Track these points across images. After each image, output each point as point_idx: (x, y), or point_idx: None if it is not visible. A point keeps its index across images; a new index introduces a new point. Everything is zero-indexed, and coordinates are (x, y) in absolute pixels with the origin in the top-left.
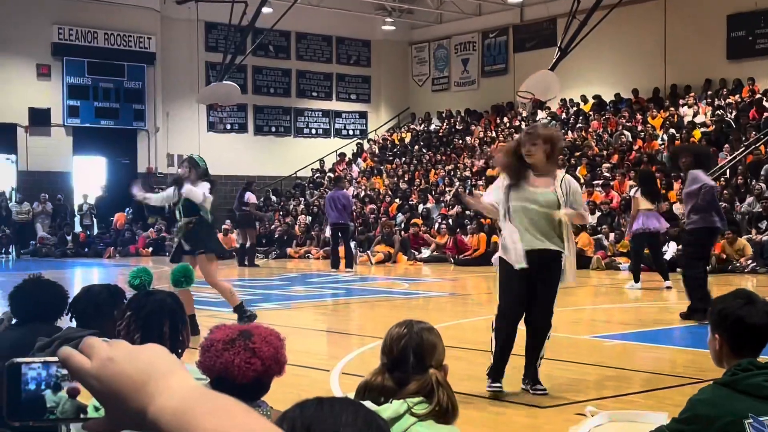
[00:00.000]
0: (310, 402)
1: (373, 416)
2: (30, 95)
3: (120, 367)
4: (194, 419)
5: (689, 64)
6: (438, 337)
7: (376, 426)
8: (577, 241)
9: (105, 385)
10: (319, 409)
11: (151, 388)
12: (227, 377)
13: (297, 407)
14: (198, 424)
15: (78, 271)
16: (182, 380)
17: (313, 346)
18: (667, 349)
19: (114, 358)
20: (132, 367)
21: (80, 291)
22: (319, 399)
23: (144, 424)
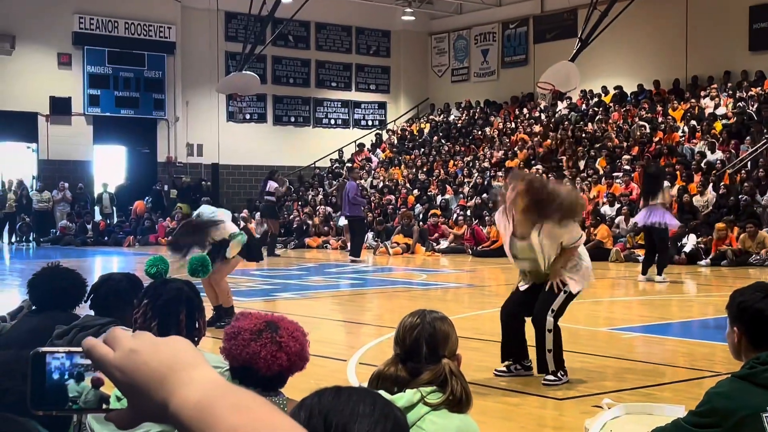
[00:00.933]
0: (328, 391)
1: (391, 407)
2: (51, 84)
3: (143, 358)
4: (216, 413)
5: (711, 56)
6: (451, 327)
7: (393, 417)
8: (596, 234)
9: (127, 376)
10: (337, 398)
11: (173, 381)
12: (251, 367)
13: (315, 395)
14: (220, 418)
15: (98, 259)
16: (205, 373)
17: (331, 336)
18: (685, 342)
19: (137, 349)
20: (155, 358)
21: (100, 279)
22: (338, 388)
23: (165, 416)
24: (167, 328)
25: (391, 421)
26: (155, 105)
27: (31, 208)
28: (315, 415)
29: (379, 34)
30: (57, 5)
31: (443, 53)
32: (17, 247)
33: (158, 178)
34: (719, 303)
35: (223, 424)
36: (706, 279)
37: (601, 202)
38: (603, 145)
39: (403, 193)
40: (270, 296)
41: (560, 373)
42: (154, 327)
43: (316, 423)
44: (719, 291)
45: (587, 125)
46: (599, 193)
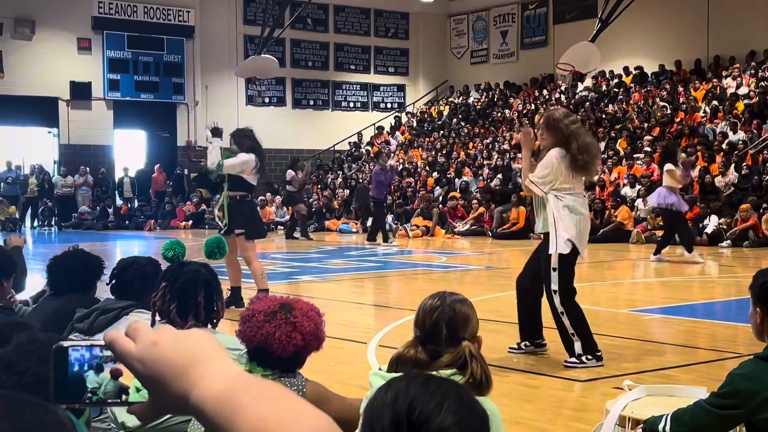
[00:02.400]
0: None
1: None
2: (71, 69)
3: (164, 350)
4: (239, 404)
5: (733, 35)
6: (471, 309)
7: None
8: (616, 215)
9: (149, 368)
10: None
11: (194, 373)
12: (267, 349)
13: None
14: (243, 409)
15: (119, 243)
16: (226, 365)
17: (351, 319)
18: (707, 323)
19: (158, 341)
20: (176, 351)
21: (125, 262)
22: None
23: (187, 408)
24: (186, 310)
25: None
26: (175, 89)
27: (52, 192)
28: (401, 398)
29: (398, 16)
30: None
31: (462, 35)
32: (39, 232)
33: (178, 162)
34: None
35: (248, 414)
36: (727, 260)
37: (622, 183)
38: (623, 126)
39: (422, 176)
40: (290, 279)
41: (586, 357)
42: (173, 309)
43: (400, 406)
44: (741, 272)
45: (608, 106)
46: (620, 174)
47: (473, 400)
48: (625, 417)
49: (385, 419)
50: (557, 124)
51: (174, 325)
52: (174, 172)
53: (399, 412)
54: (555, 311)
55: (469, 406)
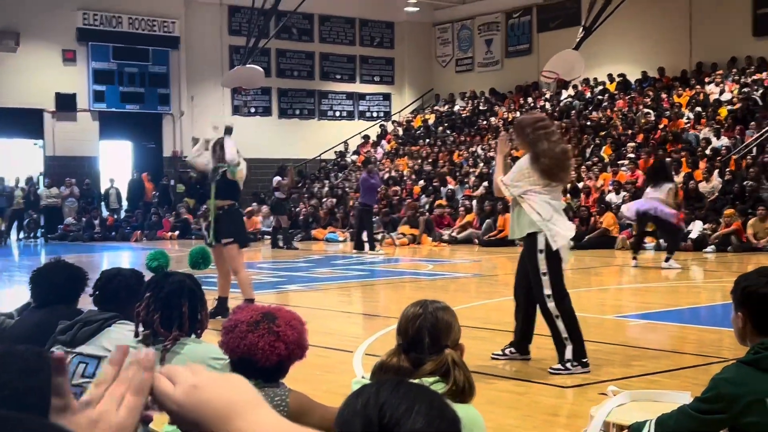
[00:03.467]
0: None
1: (447, 408)
2: (56, 80)
3: (206, 396)
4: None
5: (715, 42)
6: (453, 316)
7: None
8: (602, 221)
9: (189, 411)
10: (396, 391)
11: (240, 422)
12: (250, 359)
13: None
14: None
15: (105, 255)
16: (270, 415)
17: (337, 327)
18: (692, 329)
19: (199, 386)
20: (217, 396)
21: (109, 273)
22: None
23: None
24: (170, 320)
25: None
26: (160, 100)
27: (39, 204)
28: (371, 404)
29: (383, 25)
30: (61, 2)
31: (447, 43)
32: (25, 244)
33: (164, 172)
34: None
35: None
36: (712, 265)
37: (607, 190)
38: (608, 133)
39: (408, 184)
40: (276, 288)
41: (572, 364)
42: (156, 319)
43: (370, 412)
44: (726, 277)
45: (592, 113)
46: (605, 181)
47: (444, 404)
48: (609, 423)
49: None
50: (524, 130)
51: (157, 335)
52: (160, 182)
53: (370, 417)
54: (549, 315)
55: (440, 410)
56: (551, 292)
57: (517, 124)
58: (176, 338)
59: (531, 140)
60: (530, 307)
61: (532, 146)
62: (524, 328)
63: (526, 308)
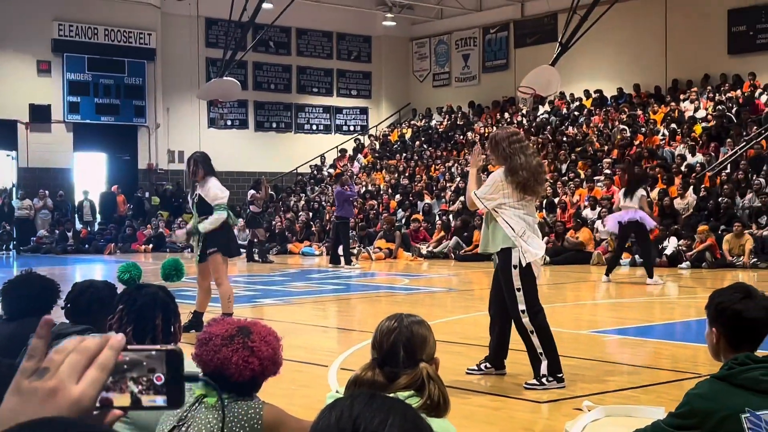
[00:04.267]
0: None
1: (421, 420)
2: (30, 91)
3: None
4: None
5: (690, 59)
6: (428, 330)
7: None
8: (578, 237)
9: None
10: (369, 404)
11: None
12: (223, 373)
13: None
14: None
15: (78, 267)
16: None
17: (312, 342)
18: (666, 344)
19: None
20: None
21: (81, 286)
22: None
23: None
24: (143, 333)
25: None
26: (136, 112)
27: (12, 216)
28: (345, 417)
29: (360, 39)
30: (36, 12)
31: (424, 58)
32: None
33: (139, 185)
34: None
35: None
36: (687, 281)
37: (583, 205)
38: (584, 148)
39: (385, 199)
40: (252, 302)
41: (547, 379)
42: (129, 332)
43: (345, 425)
44: (701, 293)
45: (568, 129)
46: (581, 196)
47: (418, 417)
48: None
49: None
50: (499, 144)
51: None
52: (135, 195)
53: (344, 430)
54: (524, 331)
55: (414, 423)
56: (525, 308)
57: (492, 139)
58: None
59: (507, 154)
60: (505, 322)
61: (508, 160)
62: (499, 343)
63: (502, 323)
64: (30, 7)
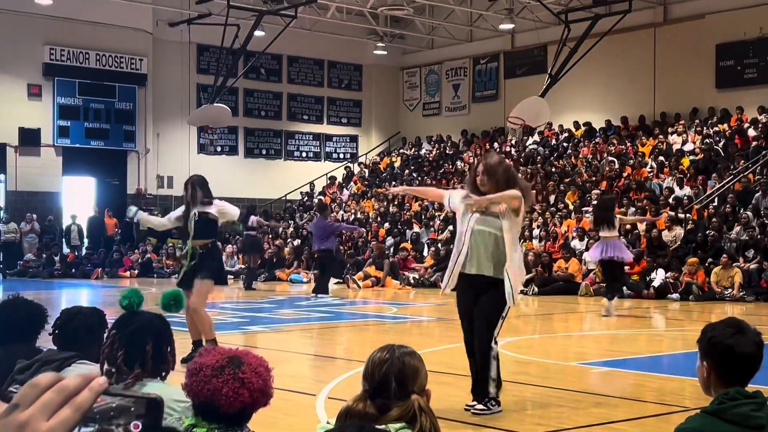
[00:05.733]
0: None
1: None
2: (20, 115)
3: None
4: None
5: (678, 93)
6: (420, 362)
7: None
8: (567, 267)
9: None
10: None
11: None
12: (212, 404)
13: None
14: None
15: (65, 292)
16: None
17: (300, 370)
18: (654, 377)
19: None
20: None
21: (69, 312)
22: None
23: None
24: (133, 358)
25: None
26: (126, 136)
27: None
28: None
29: (351, 67)
30: (27, 36)
31: (415, 87)
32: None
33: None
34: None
35: None
36: (674, 314)
37: (571, 236)
38: (572, 180)
39: (374, 227)
40: (239, 329)
41: (491, 403)
42: (120, 356)
43: None
44: (688, 326)
45: (557, 160)
46: (569, 227)
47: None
48: None
49: None
50: (496, 171)
51: (120, 372)
52: (123, 220)
53: None
54: (488, 356)
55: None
56: (497, 334)
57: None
58: (138, 377)
59: (509, 177)
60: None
61: (512, 183)
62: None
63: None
64: (21, 31)
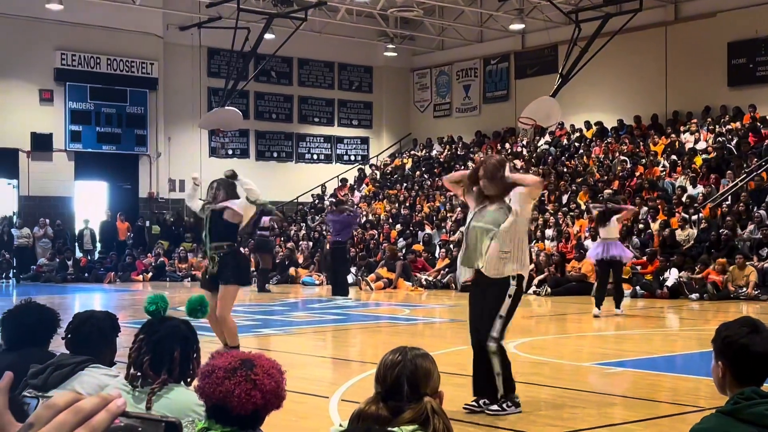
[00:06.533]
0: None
1: None
2: (32, 120)
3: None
4: None
5: (690, 91)
6: (433, 364)
7: None
8: (580, 268)
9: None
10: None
11: None
12: (225, 406)
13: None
14: None
15: (78, 296)
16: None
17: (313, 373)
18: (668, 377)
19: None
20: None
21: (82, 316)
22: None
23: None
24: (160, 364)
25: None
26: (137, 141)
27: (12, 244)
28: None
29: (362, 69)
30: (39, 42)
31: (425, 89)
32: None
33: (140, 213)
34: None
35: None
36: (688, 313)
37: (584, 236)
38: (584, 180)
39: (386, 228)
40: (252, 332)
41: (506, 404)
42: (146, 362)
43: None
44: (703, 325)
45: (569, 160)
46: (581, 227)
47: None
48: None
49: None
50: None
51: (146, 377)
52: (135, 223)
53: None
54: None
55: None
56: (498, 336)
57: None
58: (164, 382)
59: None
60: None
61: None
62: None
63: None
64: (33, 36)
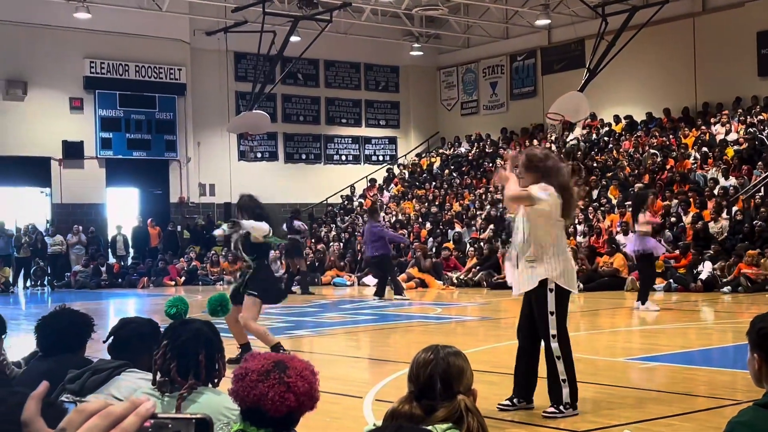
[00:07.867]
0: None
1: None
2: (63, 128)
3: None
4: None
5: (720, 82)
6: (465, 361)
7: None
8: (612, 262)
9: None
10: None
11: None
12: (259, 408)
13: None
14: None
15: (112, 302)
16: None
17: (346, 373)
18: (704, 371)
19: None
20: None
21: (123, 321)
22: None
23: None
24: (186, 369)
25: None
26: (167, 146)
27: (45, 252)
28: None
29: (388, 69)
30: (68, 51)
31: (452, 87)
32: (32, 292)
33: (171, 218)
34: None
35: None
36: (723, 306)
37: (615, 231)
38: (615, 174)
39: (416, 228)
40: (285, 334)
41: (565, 406)
42: (173, 368)
43: None
44: (738, 318)
45: (599, 155)
46: (612, 222)
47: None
48: None
49: None
50: (531, 161)
51: (174, 383)
52: (167, 228)
53: None
54: (551, 355)
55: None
56: (555, 333)
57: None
58: (192, 387)
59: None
60: (535, 350)
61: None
62: (529, 373)
63: (531, 351)
64: (62, 45)
